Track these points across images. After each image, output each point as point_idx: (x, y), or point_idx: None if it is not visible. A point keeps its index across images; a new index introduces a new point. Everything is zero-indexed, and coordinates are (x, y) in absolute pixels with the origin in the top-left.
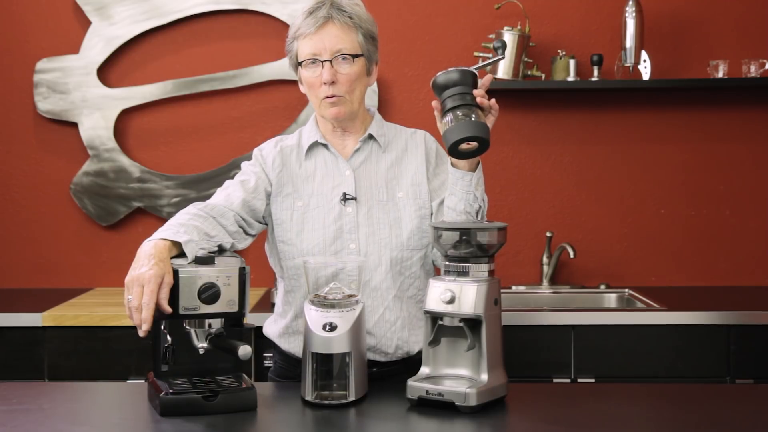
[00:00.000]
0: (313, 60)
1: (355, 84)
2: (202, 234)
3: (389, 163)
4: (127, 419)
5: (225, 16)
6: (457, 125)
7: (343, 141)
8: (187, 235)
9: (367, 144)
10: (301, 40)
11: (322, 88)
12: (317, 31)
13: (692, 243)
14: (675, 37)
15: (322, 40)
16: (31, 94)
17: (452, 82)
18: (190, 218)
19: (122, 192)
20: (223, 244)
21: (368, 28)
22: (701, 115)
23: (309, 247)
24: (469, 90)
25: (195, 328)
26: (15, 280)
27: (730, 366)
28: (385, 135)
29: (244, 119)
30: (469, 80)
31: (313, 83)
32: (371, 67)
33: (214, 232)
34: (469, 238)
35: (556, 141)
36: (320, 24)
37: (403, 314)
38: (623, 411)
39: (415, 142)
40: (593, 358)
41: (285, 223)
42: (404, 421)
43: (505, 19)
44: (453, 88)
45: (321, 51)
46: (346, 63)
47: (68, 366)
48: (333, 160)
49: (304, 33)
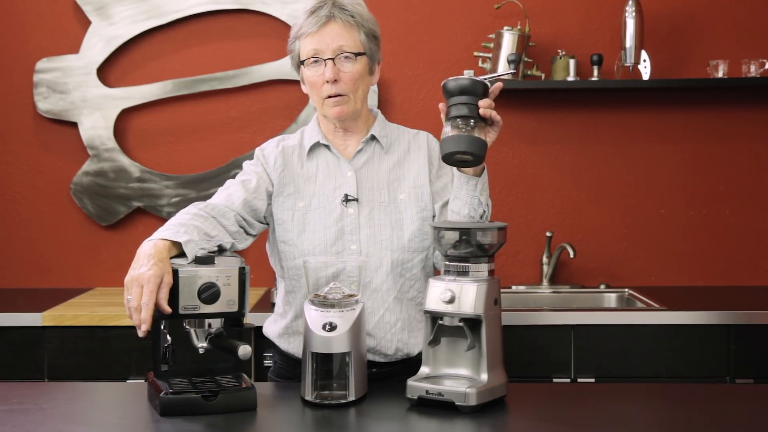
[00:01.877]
0: (315, 59)
1: (358, 83)
2: (203, 234)
3: (391, 164)
4: (127, 419)
5: (225, 16)
6: (452, 137)
7: (345, 141)
8: (187, 235)
9: (370, 145)
10: (303, 39)
11: (325, 87)
12: (319, 29)
13: (692, 243)
14: (675, 37)
15: (324, 38)
16: (31, 94)
17: (461, 90)
18: (190, 218)
19: (122, 192)
20: (224, 244)
21: (370, 27)
22: (701, 115)
23: (310, 248)
24: (475, 101)
25: (195, 328)
26: (15, 280)
27: (730, 366)
28: (388, 136)
29: (244, 119)
30: (478, 91)
31: (315, 82)
32: (374, 66)
33: (215, 232)
34: (469, 238)
35: (556, 141)
36: (322, 23)
37: (403, 316)
38: (623, 411)
39: (417, 143)
40: (593, 358)
41: (286, 223)
42: (404, 421)
43: (505, 19)
44: (460, 96)
45: (323, 49)
46: (349, 61)
47: (68, 366)
48: (335, 161)
49: (306, 32)
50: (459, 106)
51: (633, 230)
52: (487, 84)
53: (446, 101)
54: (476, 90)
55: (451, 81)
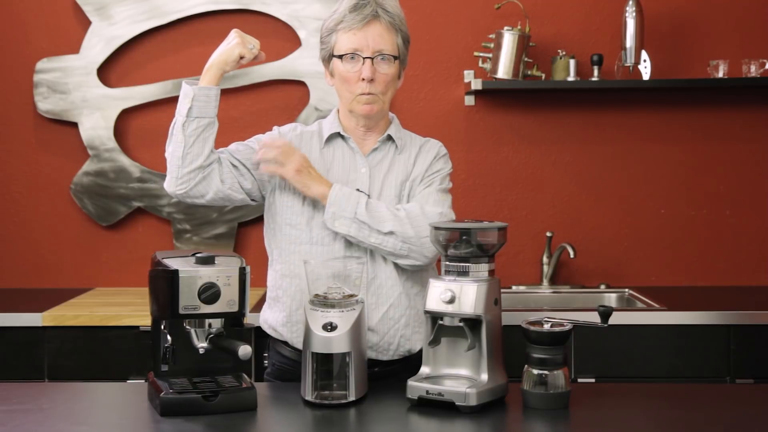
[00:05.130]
0: (352, 55)
1: (389, 85)
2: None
3: (402, 166)
4: (127, 419)
5: (225, 16)
6: (543, 396)
7: (363, 138)
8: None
9: (386, 145)
10: (343, 33)
11: (360, 84)
12: (362, 27)
13: (692, 243)
14: (675, 37)
15: (366, 37)
16: (31, 94)
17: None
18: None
19: (122, 192)
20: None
21: (406, 32)
22: (701, 115)
23: (319, 238)
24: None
25: (195, 328)
26: (15, 280)
27: (731, 366)
28: (402, 138)
29: (244, 119)
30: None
31: (349, 78)
32: (401, 71)
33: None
34: (469, 238)
35: (556, 141)
36: (367, 21)
37: (407, 312)
38: (623, 411)
39: (427, 148)
40: (593, 358)
41: (295, 206)
42: (404, 421)
43: (505, 19)
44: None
45: (363, 48)
46: (385, 63)
47: (68, 366)
48: (351, 155)
49: (348, 27)
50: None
51: (633, 230)
52: None
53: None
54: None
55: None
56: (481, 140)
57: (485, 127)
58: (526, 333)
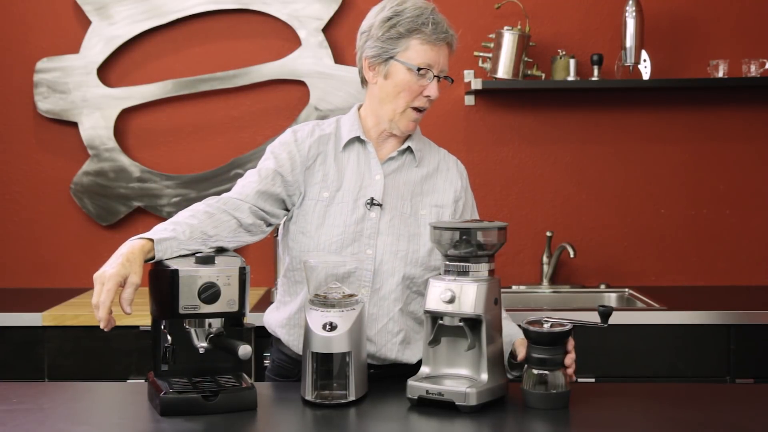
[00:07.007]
0: (426, 70)
1: None
2: (198, 232)
3: (419, 178)
4: (127, 419)
5: (225, 15)
6: (543, 395)
7: (382, 145)
8: (172, 233)
9: (403, 155)
10: (420, 43)
11: (420, 99)
12: (438, 45)
13: (692, 243)
14: (675, 37)
15: (439, 55)
16: (31, 93)
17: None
18: (190, 215)
19: (122, 192)
20: (224, 245)
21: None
22: (701, 115)
23: (327, 243)
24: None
25: (195, 328)
26: (15, 280)
27: (731, 366)
28: (421, 150)
29: (244, 119)
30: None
31: (412, 89)
32: None
33: (214, 231)
34: (469, 238)
35: (556, 141)
36: (441, 39)
37: (405, 327)
38: (623, 411)
39: (447, 164)
40: (593, 358)
41: (308, 214)
42: (404, 421)
43: (505, 19)
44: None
45: (435, 64)
46: (442, 85)
47: (68, 366)
48: (366, 160)
49: (425, 39)
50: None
51: (633, 230)
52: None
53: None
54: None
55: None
56: (481, 140)
57: (485, 127)
58: (526, 333)
